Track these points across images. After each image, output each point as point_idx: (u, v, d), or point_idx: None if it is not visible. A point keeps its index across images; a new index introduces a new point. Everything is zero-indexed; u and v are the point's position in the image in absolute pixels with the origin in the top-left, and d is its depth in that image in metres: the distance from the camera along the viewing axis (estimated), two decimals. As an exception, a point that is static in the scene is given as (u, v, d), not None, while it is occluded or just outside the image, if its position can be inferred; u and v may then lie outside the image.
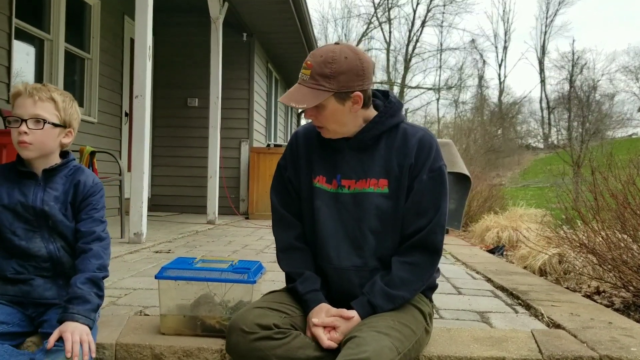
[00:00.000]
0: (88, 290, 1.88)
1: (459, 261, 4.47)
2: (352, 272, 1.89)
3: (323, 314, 1.81)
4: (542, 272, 4.17)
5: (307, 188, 1.97)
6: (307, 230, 1.98)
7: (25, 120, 1.92)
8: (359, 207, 1.89)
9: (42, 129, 1.94)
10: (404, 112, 2.01)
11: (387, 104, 1.94)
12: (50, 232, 2.00)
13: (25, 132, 1.92)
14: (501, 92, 39.17)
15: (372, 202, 1.88)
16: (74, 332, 1.76)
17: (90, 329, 1.82)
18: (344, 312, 1.80)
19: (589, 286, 3.58)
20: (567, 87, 33.50)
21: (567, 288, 3.48)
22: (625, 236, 3.32)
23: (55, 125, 1.97)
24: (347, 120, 1.87)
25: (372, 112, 1.93)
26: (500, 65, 45.66)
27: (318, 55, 1.81)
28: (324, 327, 1.78)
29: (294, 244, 1.98)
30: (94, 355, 1.78)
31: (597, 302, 2.99)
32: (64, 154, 2.11)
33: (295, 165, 2.00)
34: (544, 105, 38.55)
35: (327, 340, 1.74)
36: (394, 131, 1.93)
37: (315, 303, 1.85)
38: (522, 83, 61.07)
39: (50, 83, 6.06)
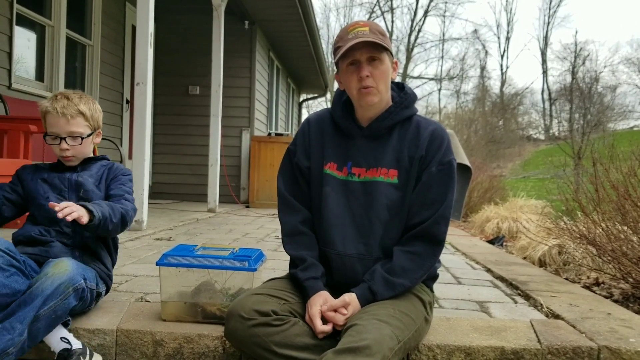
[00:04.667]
0: (105, 205, 2.08)
1: (459, 251, 4.48)
2: (355, 260, 1.90)
3: (320, 302, 1.80)
4: (542, 263, 4.18)
5: (318, 174, 1.98)
6: (315, 215, 2.00)
7: (64, 138, 2.17)
8: (368, 195, 1.91)
9: (81, 144, 2.20)
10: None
11: (403, 95, 1.97)
12: (79, 202, 2.09)
13: (67, 149, 2.18)
14: (503, 83, 39.11)
15: (381, 191, 1.89)
16: (73, 205, 1.94)
17: (91, 221, 1.97)
18: (342, 307, 1.79)
19: (588, 277, 3.59)
20: (569, 78, 33.37)
21: (567, 279, 3.49)
22: (626, 228, 3.32)
23: (89, 135, 2.23)
24: (388, 86, 1.92)
25: (389, 101, 1.95)
26: (502, 56, 45.78)
27: (367, 21, 1.90)
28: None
29: (300, 228, 1.98)
30: (75, 217, 1.92)
31: (596, 293, 3.00)
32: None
33: (306, 151, 2.02)
34: (546, 96, 38.52)
35: (321, 326, 1.75)
36: (407, 123, 1.96)
37: (314, 290, 1.85)
38: (524, 74, 61.07)
39: (52, 70, 5.99)
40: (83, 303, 2.01)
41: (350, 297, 1.80)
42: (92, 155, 2.32)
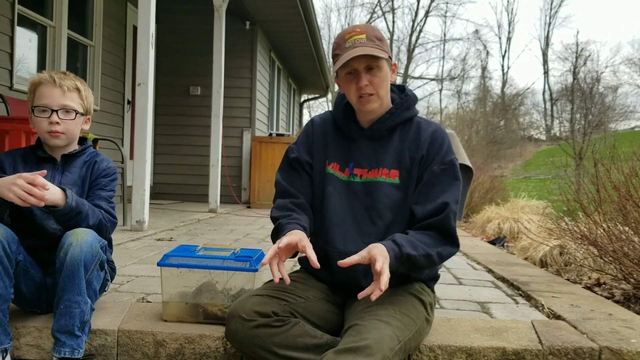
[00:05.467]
0: (87, 206, 1.97)
1: (460, 252, 4.47)
2: None
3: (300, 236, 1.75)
4: (543, 264, 4.17)
5: (320, 174, 1.99)
6: (316, 214, 2.00)
7: (56, 111, 2.01)
8: (370, 196, 1.92)
9: (74, 119, 2.05)
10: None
11: (403, 97, 1.99)
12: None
13: (57, 122, 2.01)
14: (504, 83, 39.10)
15: (383, 191, 1.90)
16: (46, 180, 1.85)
17: (66, 204, 1.88)
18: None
19: (589, 278, 3.59)
20: (570, 78, 33.40)
21: (568, 279, 3.49)
22: (627, 228, 3.32)
23: (81, 114, 2.08)
24: (388, 90, 1.92)
25: (389, 103, 1.96)
26: (503, 57, 45.80)
27: (364, 25, 1.89)
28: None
29: (290, 206, 1.96)
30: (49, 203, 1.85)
31: (597, 294, 3.00)
32: (80, 140, 2.20)
33: (309, 149, 2.03)
34: (547, 96, 38.50)
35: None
36: (408, 124, 1.97)
37: (290, 229, 1.80)
38: (525, 74, 61.07)
39: (52, 70, 6.02)
40: (100, 278, 2.03)
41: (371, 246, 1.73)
42: (76, 142, 2.15)
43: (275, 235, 1.88)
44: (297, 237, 1.73)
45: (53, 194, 1.85)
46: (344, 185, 1.95)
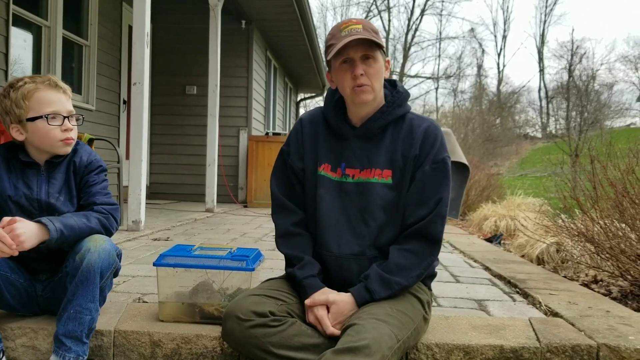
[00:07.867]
0: (75, 217, 1.89)
1: (457, 250, 4.48)
2: (351, 260, 1.89)
3: (323, 300, 1.81)
4: (540, 261, 4.17)
5: (312, 176, 1.97)
6: (309, 217, 1.98)
7: (67, 117, 1.95)
8: (362, 196, 1.90)
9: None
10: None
11: (395, 94, 1.95)
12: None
13: (71, 129, 1.96)
14: (500, 81, 39.18)
15: (376, 192, 1.88)
16: (21, 223, 1.74)
17: (51, 238, 1.78)
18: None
19: (586, 275, 3.59)
20: (566, 76, 33.52)
21: (565, 277, 3.49)
22: (624, 225, 3.32)
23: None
24: (382, 84, 1.91)
25: (382, 100, 1.94)
26: (499, 55, 45.87)
27: (359, 18, 1.90)
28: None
29: (293, 230, 1.97)
30: (12, 246, 1.72)
31: (594, 291, 3.00)
32: None
33: (300, 152, 2.00)
34: (543, 94, 38.60)
35: (331, 328, 1.75)
36: (400, 121, 1.94)
37: (313, 289, 1.84)
38: (521, 72, 61.24)
39: (48, 70, 5.96)
40: (112, 286, 2.08)
41: (334, 298, 1.81)
42: None
43: (294, 280, 1.91)
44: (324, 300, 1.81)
45: (29, 237, 1.75)
46: (336, 186, 1.93)
